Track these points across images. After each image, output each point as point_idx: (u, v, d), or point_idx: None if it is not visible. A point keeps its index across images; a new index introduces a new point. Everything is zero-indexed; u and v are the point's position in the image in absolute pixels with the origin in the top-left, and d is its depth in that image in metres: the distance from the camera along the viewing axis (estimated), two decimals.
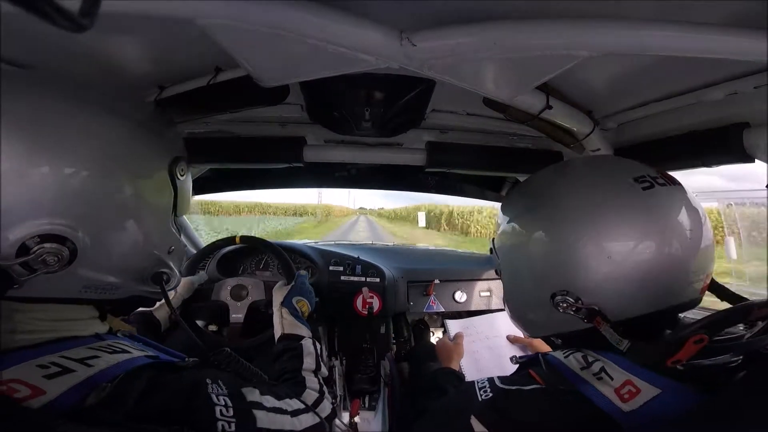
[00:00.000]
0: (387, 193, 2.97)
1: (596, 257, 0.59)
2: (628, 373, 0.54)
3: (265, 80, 0.75)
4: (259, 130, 1.20)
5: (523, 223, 0.71)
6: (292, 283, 1.02)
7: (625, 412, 0.50)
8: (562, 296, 0.62)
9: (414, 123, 1.10)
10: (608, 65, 0.73)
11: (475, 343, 1.34)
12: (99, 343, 0.55)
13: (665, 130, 0.86)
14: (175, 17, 0.53)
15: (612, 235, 0.59)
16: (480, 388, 0.67)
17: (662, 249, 0.57)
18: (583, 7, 0.53)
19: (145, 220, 0.58)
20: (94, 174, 0.51)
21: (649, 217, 0.58)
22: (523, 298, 0.73)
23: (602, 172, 0.67)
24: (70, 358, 0.48)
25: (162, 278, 0.63)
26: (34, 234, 0.47)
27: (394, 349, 1.53)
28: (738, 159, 0.73)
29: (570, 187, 0.66)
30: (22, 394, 0.41)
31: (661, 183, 0.60)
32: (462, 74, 0.68)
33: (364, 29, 0.57)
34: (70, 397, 0.44)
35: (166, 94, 0.89)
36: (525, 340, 1.31)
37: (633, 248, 0.58)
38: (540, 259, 0.65)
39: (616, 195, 0.61)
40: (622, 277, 0.58)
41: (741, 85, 0.66)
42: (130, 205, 0.56)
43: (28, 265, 0.47)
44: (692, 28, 0.51)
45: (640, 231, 0.58)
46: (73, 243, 0.50)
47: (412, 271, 1.62)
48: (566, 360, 0.63)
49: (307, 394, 0.73)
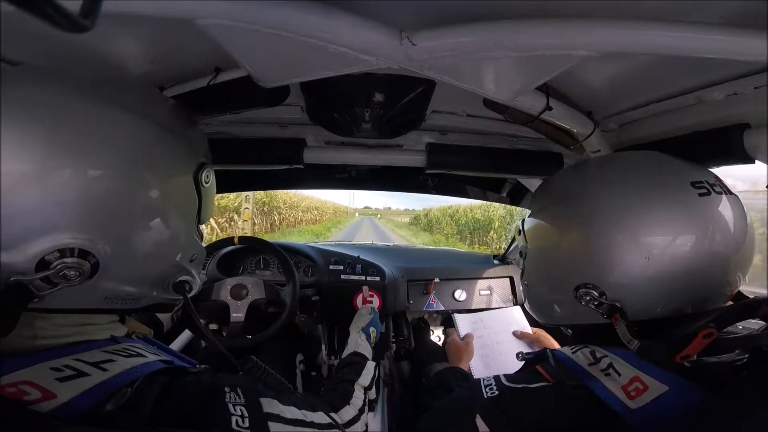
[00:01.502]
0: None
1: (633, 256, 0.58)
2: (635, 369, 0.54)
3: (266, 80, 0.75)
4: (259, 131, 1.20)
5: (562, 210, 0.70)
6: (372, 314, 1.15)
7: (632, 409, 0.50)
8: (587, 289, 0.61)
9: (414, 124, 1.10)
10: (608, 65, 0.73)
11: (483, 338, 1.34)
12: (114, 346, 0.54)
13: (665, 131, 0.86)
14: (175, 17, 0.52)
15: (656, 236, 0.57)
16: (486, 386, 0.67)
17: (703, 258, 0.56)
18: (583, 7, 0.53)
19: (170, 230, 0.56)
20: (117, 181, 0.48)
21: (699, 225, 0.57)
22: (545, 284, 0.73)
23: (660, 172, 0.65)
24: (85, 361, 0.47)
25: (185, 288, 0.61)
26: (55, 248, 0.45)
27: (393, 348, 1.53)
28: (738, 160, 0.73)
29: (621, 183, 0.64)
30: (32, 397, 0.40)
31: (717, 191, 0.59)
32: (462, 74, 0.68)
33: (364, 29, 0.57)
34: (83, 401, 0.42)
35: (165, 95, 0.89)
36: (531, 336, 1.31)
37: (674, 254, 0.56)
38: (574, 250, 0.65)
39: (671, 198, 0.59)
40: (655, 280, 0.57)
41: (741, 85, 0.66)
42: (155, 214, 0.53)
43: (49, 279, 0.45)
44: (692, 28, 0.50)
45: (686, 238, 0.56)
46: (94, 256, 0.47)
47: (412, 269, 1.62)
48: (574, 356, 0.63)
49: (346, 410, 0.72)
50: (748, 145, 0.71)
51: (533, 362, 0.71)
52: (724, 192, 0.59)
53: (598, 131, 0.94)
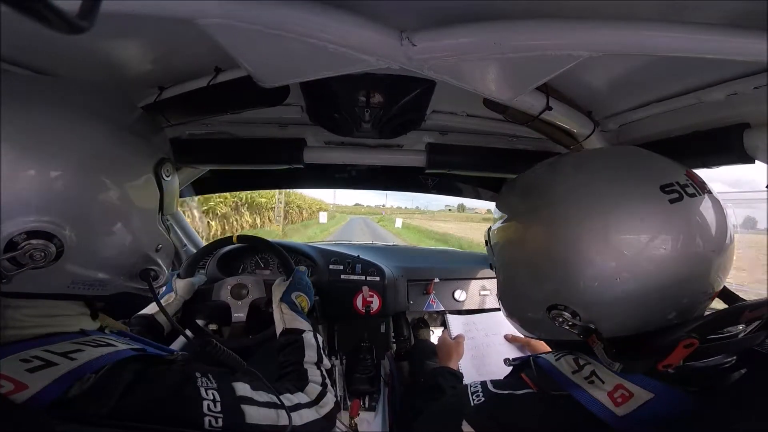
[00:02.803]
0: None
1: (602, 275, 0.53)
2: (618, 377, 0.53)
3: (266, 80, 0.75)
4: (259, 131, 1.20)
5: (523, 223, 0.65)
6: (290, 278, 1.03)
7: (619, 416, 0.49)
8: (559, 311, 0.58)
9: (414, 124, 1.10)
10: (608, 65, 0.73)
11: (475, 340, 1.34)
12: (84, 338, 0.55)
13: (665, 131, 0.86)
14: (175, 17, 0.52)
15: (624, 253, 0.52)
16: (473, 393, 0.66)
17: (679, 271, 0.52)
18: (583, 7, 0.53)
19: (132, 219, 0.59)
20: (77, 175, 0.52)
21: (671, 236, 0.52)
22: (518, 301, 0.69)
23: (627, 174, 0.58)
24: (54, 351, 0.48)
25: (149, 275, 0.64)
26: (22, 230, 0.48)
27: (394, 348, 1.53)
28: (738, 160, 0.73)
29: (583, 188, 0.59)
30: (5, 389, 0.41)
31: (690, 193, 0.54)
32: (462, 74, 0.68)
33: (364, 29, 0.57)
34: (53, 390, 0.44)
35: (166, 95, 0.89)
36: (523, 340, 1.31)
37: (646, 270, 0.52)
38: (540, 268, 0.60)
39: (637, 208, 0.53)
40: (630, 297, 0.53)
41: (741, 85, 0.66)
42: (116, 204, 0.57)
43: (16, 260, 0.49)
44: (692, 28, 0.50)
45: (658, 252, 0.51)
46: (59, 240, 0.51)
47: (412, 269, 1.62)
48: (557, 363, 0.62)
49: (310, 387, 0.72)
50: (748, 145, 0.71)
51: (519, 368, 0.69)
52: (697, 192, 0.54)
53: (598, 131, 0.94)
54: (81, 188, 0.52)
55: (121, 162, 0.58)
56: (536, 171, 0.70)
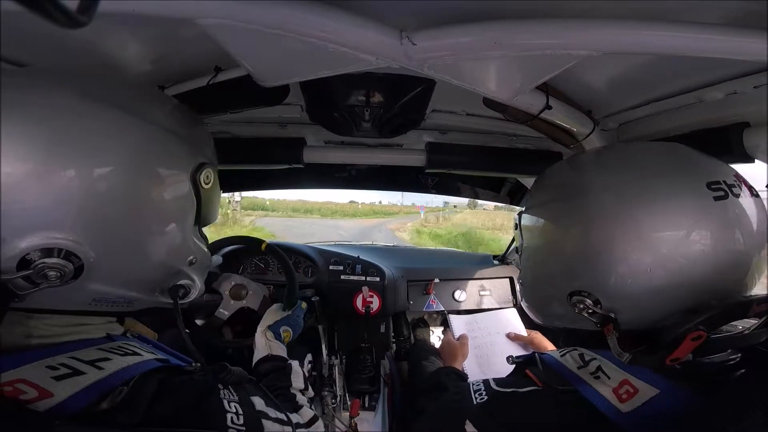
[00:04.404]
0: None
1: (635, 261, 0.53)
2: (624, 372, 0.53)
3: (266, 80, 0.75)
4: (259, 130, 1.20)
5: (560, 209, 0.65)
6: (288, 312, 1.02)
7: (624, 412, 0.49)
8: (581, 297, 0.58)
9: (414, 123, 1.10)
10: (608, 65, 0.73)
11: (478, 339, 1.34)
12: (110, 344, 0.54)
13: (665, 130, 0.86)
14: (175, 17, 0.52)
15: (662, 241, 0.52)
16: (475, 391, 0.66)
17: (714, 269, 0.52)
18: (583, 7, 0.53)
19: (162, 234, 0.53)
20: (105, 184, 0.46)
21: (711, 234, 0.51)
22: (540, 285, 0.70)
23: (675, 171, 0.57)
24: (81, 359, 0.47)
25: (178, 292, 0.58)
26: (36, 247, 0.44)
27: (393, 348, 1.53)
28: (738, 159, 0.73)
29: (628, 176, 0.58)
30: (28, 396, 0.40)
31: (736, 193, 0.53)
32: (462, 74, 0.68)
33: (364, 28, 0.57)
34: (80, 400, 0.43)
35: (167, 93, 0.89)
36: (525, 338, 1.31)
37: (679, 265, 0.51)
38: (571, 254, 0.60)
39: (682, 201, 0.53)
40: (656, 292, 0.53)
41: (741, 85, 0.66)
42: (144, 216, 0.51)
43: (30, 279, 0.45)
44: (692, 28, 0.50)
45: (695, 248, 0.51)
46: (78, 258, 0.46)
47: (412, 270, 1.62)
48: (563, 359, 0.62)
49: (304, 411, 0.73)
50: (748, 144, 0.71)
51: (523, 366, 0.70)
52: (744, 194, 0.54)
53: (597, 130, 0.95)
54: (104, 198, 0.46)
55: (153, 167, 0.51)
56: (579, 159, 0.71)
